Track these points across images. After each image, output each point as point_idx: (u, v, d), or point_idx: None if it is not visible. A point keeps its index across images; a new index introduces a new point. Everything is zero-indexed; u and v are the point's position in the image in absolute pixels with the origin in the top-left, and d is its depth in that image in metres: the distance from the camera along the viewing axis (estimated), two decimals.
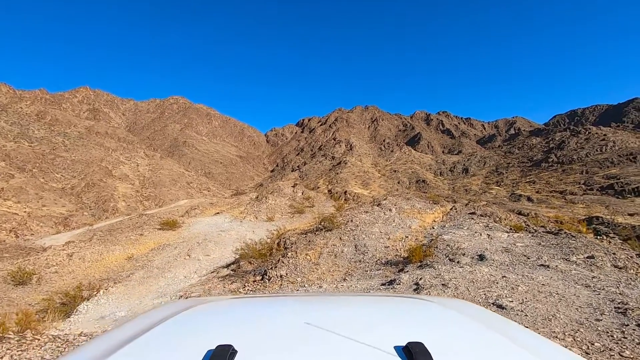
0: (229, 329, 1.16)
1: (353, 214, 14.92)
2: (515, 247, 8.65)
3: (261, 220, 25.60)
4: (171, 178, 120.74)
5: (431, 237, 10.68)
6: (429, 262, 7.79)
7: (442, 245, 9.14)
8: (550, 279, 6.33)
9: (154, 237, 21.82)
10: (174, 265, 15.17)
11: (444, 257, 8.25)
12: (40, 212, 71.61)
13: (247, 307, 1.55)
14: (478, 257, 7.87)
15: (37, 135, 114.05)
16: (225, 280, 10.30)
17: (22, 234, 59.94)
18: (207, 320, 1.29)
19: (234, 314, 1.40)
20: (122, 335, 1.09)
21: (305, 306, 1.47)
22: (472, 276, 6.33)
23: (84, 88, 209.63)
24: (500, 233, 10.21)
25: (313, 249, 10.22)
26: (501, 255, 7.97)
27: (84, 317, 10.01)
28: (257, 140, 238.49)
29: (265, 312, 1.36)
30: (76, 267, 16.37)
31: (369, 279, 7.28)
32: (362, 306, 1.53)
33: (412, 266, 7.87)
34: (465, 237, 9.96)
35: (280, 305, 1.53)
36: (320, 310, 1.39)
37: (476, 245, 9.19)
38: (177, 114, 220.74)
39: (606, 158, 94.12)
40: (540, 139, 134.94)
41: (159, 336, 1.08)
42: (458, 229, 11.34)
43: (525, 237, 9.82)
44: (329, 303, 1.61)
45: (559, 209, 65.91)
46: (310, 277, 8.28)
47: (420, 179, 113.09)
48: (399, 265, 8.40)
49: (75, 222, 68.72)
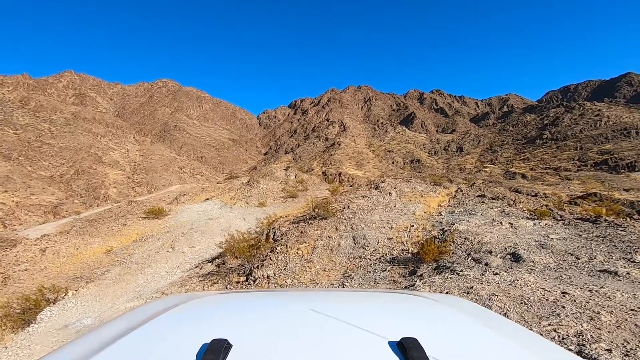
0: (224, 323, 1.16)
1: (350, 198, 13.63)
2: (552, 242, 7.12)
3: (252, 206, 24.30)
4: (163, 163, 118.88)
5: (441, 225, 9.29)
6: (447, 263, 6.34)
7: (459, 239, 7.72)
8: (634, 297, 4.36)
9: (138, 227, 20.46)
10: (155, 260, 13.88)
11: (464, 254, 6.82)
12: (29, 201, 69.92)
13: (242, 301, 1.52)
14: (511, 257, 6.29)
15: (22, 122, 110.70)
16: (206, 279, 9.03)
17: (10, 224, 58.48)
18: (202, 315, 1.27)
19: (229, 308, 1.39)
20: (117, 329, 1.08)
21: (299, 301, 1.45)
22: (517, 291, 4.58)
23: (68, 72, 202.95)
24: (523, 221, 8.86)
25: (305, 242, 8.93)
26: (540, 254, 6.29)
27: (45, 326, 8.73)
28: (249, 123, 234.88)
29: (259, 307, 1.36)
30: (49, 264, 15.02)
31: (373, 284, 5.93)
32: (356, 301, 1.52)
33: (426, 267, 6.49)
34: (483, 227, 8.58)
35: (274, 300, 1.53)
36: (315, 305, 1.32)
37: (501, 238, 7.67)
38: (166, 98, 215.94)
39: (600, 133, 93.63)
40: (534, 116, 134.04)
41: (154, 330, 1.07)
42: (470, 215, 9.99)
43: (556, 226, 8.38)
44: (322, 298, 1.58)
45: (555, 186, 65.60)
46: (302, 279, 6.99)
47: (415, 159, 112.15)
48: (409, 265, 7.02)
49: (65, 210, 67.34)
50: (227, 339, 0.87)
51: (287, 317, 1.18)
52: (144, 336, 1.01)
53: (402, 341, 0.88)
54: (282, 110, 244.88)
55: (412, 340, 0.88)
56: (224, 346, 0.84)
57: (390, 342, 0.90)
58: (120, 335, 1.00)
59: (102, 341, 0.98)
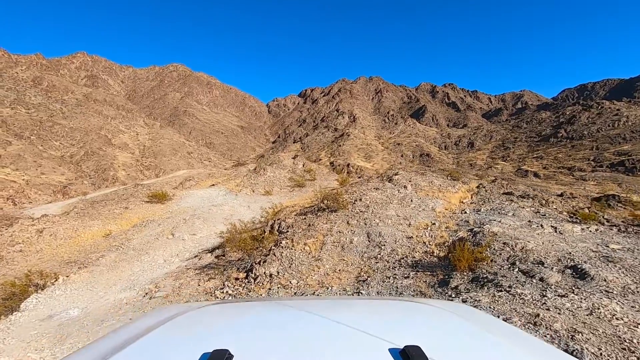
0: (225, 333, 1.16)
1: (361, 190, 12.68)
2: (615, 253, 5.90)
3: (258, 194, 23.53)
4: (171, 148, 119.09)
5: (467, 225, 8.27)
6: (488, 274, 5.24)
7: (496, 243, 6.57)
8: None
9: (140, 211, 19.84)
10: (153, 246, 13.18)
11: (507, 264, 5.69)
12: (39, 180, 70.51)
13: (243, 311, 1.51)
14: (572, 272, 5.00)
15: (34, 102, 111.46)
16: (202, 273, 8.25)
17: (20, 201, 59.01)
18: (203, 325, 1.27)
19: (229, 319, 1.38)
20: (118, 340, 1.08)
21: (299, 311, 1.43)
22: (606, 326, 3.33)
23: (81, 53, 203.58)
24: (567, 225, 7.74)
25: (313, 237, 8.06)
26: (610, 270, 4.98)
27: (29, 315, 8.05)
28: (258, 111, 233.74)
29: (261, 317, 1.35)
30: (45, 246, 14.44)
31: (395, 294, 4.92)
32: (358, 310, 1.50)
33: (460, 277, 5.41)
34: (521, 230, 7.48)
35: (276, 309, 1.52)
36: (317, 314, 1.33)
37: (548, 245, 6.45)
38: (177, 82, 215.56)
39: (618, 134, 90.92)
40: (549, 113, 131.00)
41: (155, 341, 1.07)
42: (500, 215, 8.92)
43: (611, 234, 7.27)
44: (325, 307, 1.54)
45: (570, 186, 63.83)
46: (310, 280, 6.11)
47: (424, 153, 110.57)
48: (437, 272, 5.95)
49: (74, 190, 67.78)
50: (228, 349, 0.87)
51: (287, 327, 1.16)
52: (145, 347, 1.00)
53: (405, 349, 0.87)
54: (292, 99, 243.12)
55: (415, 348, 0.87)
56: (225, 356, 0.84)
57: (393, 350, 0.89)
58: (122, 347, 0.98)
59: (103, 353, 0.96)
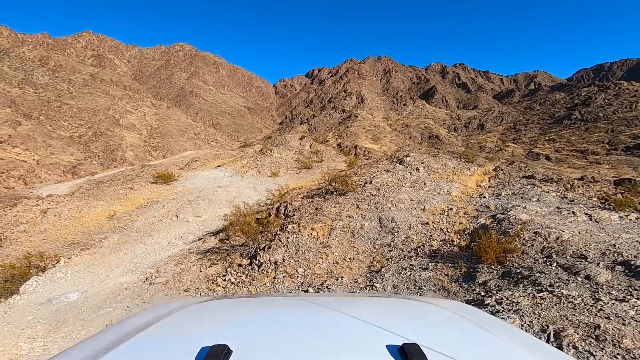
0: (224, 329, 1.16)
1: (371, 172, 12.11)
2: None
3: (264, 175, 23.09)
4: (179, 128, 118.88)
5: (488, 210, 7.66)
6: (521, 268, 4.64)
7: (526, 232, 5.90)
8: None
9: (145, 191, 19.58)
10: (157, 228, 12.89)
11: (541, 257, 5.05)
12: (49, 160, 71.00)
13: (242, 307, 1.52)
14: (623, 268, 4.36)
15: (42, 82, 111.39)
16: (204, 258, 7.88)
17: (30, 181, 59.62)
18: (202, 320, 1.27)
19: (229, 314, 1.38)
20: (117, 335, 1.08)
21: (300, 307, 1.45)
22: None
23: (87, 33, 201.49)
24: (603, 212, 7.06)
25: (321, 222, 7.57)
26: None
27: (27, 299, 7.82)
28: (265, 92, 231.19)
29: (260, 313, 1.35)
30: (50, 226, 14.27)
31: (414, 288, 4.39)
32: (357, 307, 1.51)
33: (488, 271, 4.82)
34: (551, 218, 6.83)
35: (275, 306, 1.52)
36: (315, 311, 1.34)
37: (586, 236, 5.76)
38: (183, 62, 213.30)
39: (635, 116, 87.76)
40: (563, 95, 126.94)
41: (154, 336, 1.07)
42: (524, 200, 8.25)
43: None
44: (323, 303, 1.53)
45: (583, 169, 62.20)
46: (317, 269, 5.66)
47: (433, 135, 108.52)
48: (459, 264, 5.36)
49: (83, 170, 68.19)
50: (227, 344, 0.87)
51: (286, 323, 1.16)
52: (144, 342, 1.00)
53: (404, 346, 0.87)
54: (299, 79, 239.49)
55: (414, 345, 0.88)
56: (224, 352, 0.83)
57: (391, 348, 0.89)
58: (120, 342, 0.99)
59: (101, 348, 0.96)
